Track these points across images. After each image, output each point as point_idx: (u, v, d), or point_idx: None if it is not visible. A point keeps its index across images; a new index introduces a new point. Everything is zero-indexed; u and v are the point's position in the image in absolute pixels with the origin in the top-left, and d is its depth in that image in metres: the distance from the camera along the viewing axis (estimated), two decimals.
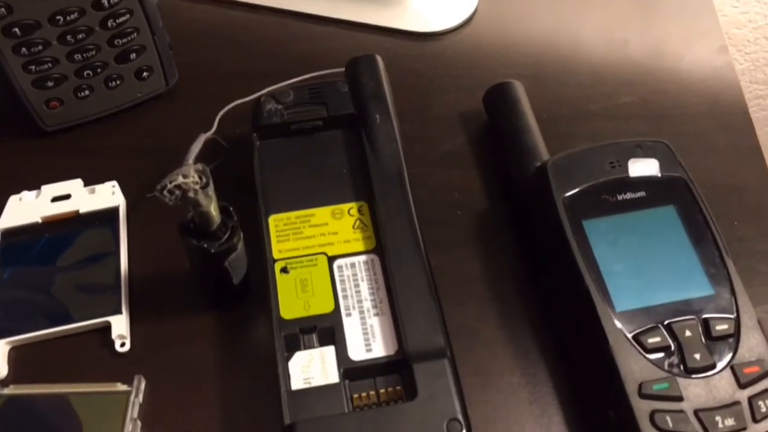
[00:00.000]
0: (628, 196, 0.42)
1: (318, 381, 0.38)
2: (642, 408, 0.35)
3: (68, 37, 0.45)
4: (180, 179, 0.35)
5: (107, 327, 0.43)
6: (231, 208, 0.39)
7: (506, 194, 0.49)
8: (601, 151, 0.43)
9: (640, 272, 0.39)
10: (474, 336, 0.43)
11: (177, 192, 0.35)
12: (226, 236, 0.39)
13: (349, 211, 0.43)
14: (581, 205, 0.41)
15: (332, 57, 0.53)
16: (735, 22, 0.92)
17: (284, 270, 0.41)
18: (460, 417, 0.35)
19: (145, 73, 0.50)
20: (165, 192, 0.35)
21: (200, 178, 0.36)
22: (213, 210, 0.37)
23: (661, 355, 0.37)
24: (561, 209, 0.41)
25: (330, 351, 0.39)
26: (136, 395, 0.41)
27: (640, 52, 0.56)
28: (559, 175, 0.42)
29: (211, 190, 0.36)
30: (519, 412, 0.41)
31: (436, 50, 0.57)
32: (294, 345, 0.39)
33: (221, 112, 0.46)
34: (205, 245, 0.38)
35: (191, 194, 0.35)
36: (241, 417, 0.41)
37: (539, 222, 0.43)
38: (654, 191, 0.42)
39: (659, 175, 0.42)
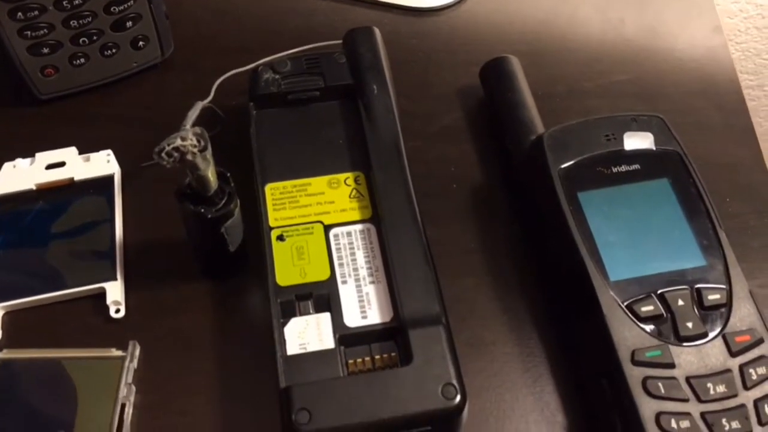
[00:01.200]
0: (623, 168, 0.42)
1: (313, 347, 0.38)
2: (634, 375, 0.36)
3: (65, 3, 0.45)
4: (178, 142, 0.35)
5: (102, 294, 0.43)
6: (228, 174, 0.39)
7: (502, 168, 0.49)
8: (596, 124, 0.43)
9: (634, 243, 0.40)
10: (469, 307, 0.43)
11: (175, 155, 0.35)
12: (223, 202, 0.39)
13: (345, 181, 0.43)
14: (576, 177, 0.41)
15: (329, 31, 0.53)
16: (726, 11, 0.92)
17: (280, 238, 0.41)
18: (454, 382, 0.35)
19: (140, 42, 0.50)
20: (163, 154, 0.35)
21: (198, 141, 0.36)
22: (210, 174, 0.37)
23: (654, 323, 0.37)
24: (556, 181, 0.41)
25: (326, 317, 0.39)
26: (131, 360, 0.41)
27: (635, 32, 0.56)
28: (555, 147, 0.42)
29: (209, 153, 0.36)
30: (512, 381, 0.41)
31: (433, 26, 0.57)
32: (290, 311, 0.39)
33: (218, 81, 0.46)
34: (202, 210, 0.38)
35: (189, 157, 0.35)
36: (236, 383, 0.41)
37: (535, 194, 0.43)
38: (648, 164, 0.42)
39: (654, 148, 0.43)
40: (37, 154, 0.48)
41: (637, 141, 0.43)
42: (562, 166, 0.42)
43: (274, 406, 0.39)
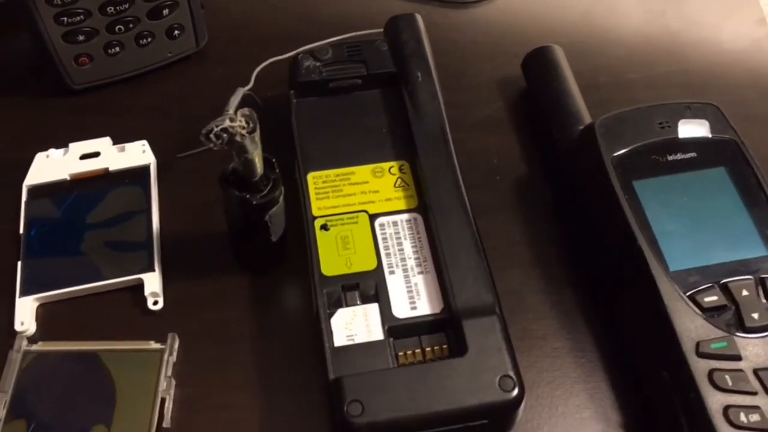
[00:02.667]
0: (679, 156, 0.41)
1: (362, 338, 0.36)
2: (700, 367, 0.34)
3: None
4: (227, 123, 0.34)
5: (139, 285, 0.42)
6: (273, 160, 0.38)
7: (546, 159, 0.48)
8: (649, 112, 0.42)
9: (693, 232, 0.38)
10: (517, 300, 0.42)
11: (224, 136, 0.34)
12: (268, 188, 0.38)
13: (390, 170, 0.42)
14: (631, 166, 0.40)
15: (365, 22, 0.52)
16: None
17: (324, 227, 0.40)
18: (512, 373, 0.34)
19: (176, 32, 0.49)
20: (211, 136, 0.34)
21: (247, 123, 0.35)
22: (258, 159, 0.36)
23: (717, 314, 0.36)
24: (610, 169, 0.40)
25: (374, 308, 0.37)
26: (170, 353, 0.39)
27: (677, 23, 0.55)
28: (607, 135, 0.41)
29: (257, 136, 0.35)
30: (565, 376, 0.40)
31: (471, 18, 0.56)
32: (336, 302, 0.38)
33: (258, 69, 0.45)
34: (247, 196, 0.37)
35: (238, 138, 0.34)
36: (278, 377, 0.39)
37: (586, 183, 0.42)
38: (705, 153, 0.41)
39: (710, 136, 0.41)
40: (71, 145, 0.46)
41: (692, 129, 0.41)
42: (615, 154, 0.40)
43: (318, 399, 0.38)
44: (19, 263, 0.42)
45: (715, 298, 0.36)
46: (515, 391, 0.34)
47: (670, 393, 0.35)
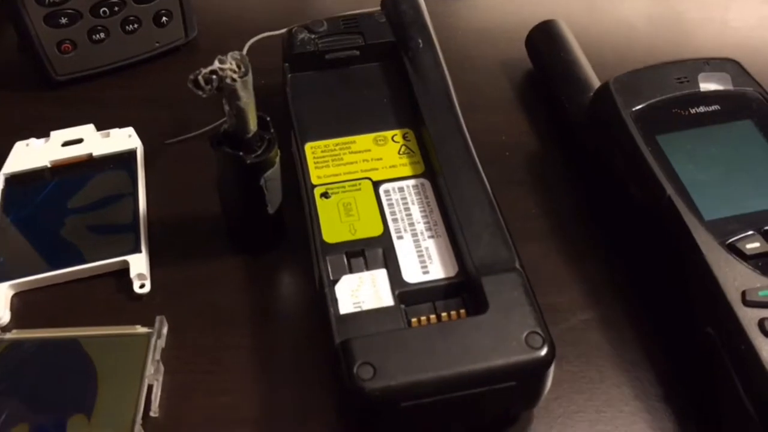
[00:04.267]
0: (702, 109, 0.38)
1: (370, 305, 0.33)
2: (749, 317, 0.31)
3: None
4: (216, 65, 0.31)
5: (124, 270, 0.38)
6: (268, 119, 0.35)
7: (554, 132, 0.45)
8: (666, 69, 0.40)
9: (725, 182, 0.35)
10: (538, 274, 0.38)
11: (213, 79, 0.31)
12: (263, 149, 0.35)
13: (393, 138, 0.39)
14: (652, 120, 0.37)
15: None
16: None
17: (325, 195, 0.37)
18: (539, 329, 0.30)
19: (164, 18, 0.47)
20: (199, 79, 0.31)
21: (238, 66, 0.32)
22: (251, 112, 0.33)
23: (761, 262, 0.32)
24: (630, 123, 0.37)
25: (382, 274, 0.34)
26: (158, 337, 0.35)
27: (682, 3, 0.54)
28: (623, 91, 0.39)
29: (249, 82, 0.32)
30: (596, 349, 0.36)
31: (471, 5, 0.54)
32: (340, 269, 0.34)
33: (250, 42, 0.43)
34: (241, 154, 0.34)
35: (228, 81, 0.31)
36: (274, 360, 0.35)
37: (605, 144, 0.39)
38: (728, 105, 0.38)
39: (732, 88, 0.39)
40: (52, 133, 0.44)
41: (713, 82, 0.39)
42: (634, 109, 0.38)
43: (320, 380, 0.34)
44: None
45: (757, 244, 0.33)
46: (545, 349, 0.30)
47: (717, 349, 0.31)
